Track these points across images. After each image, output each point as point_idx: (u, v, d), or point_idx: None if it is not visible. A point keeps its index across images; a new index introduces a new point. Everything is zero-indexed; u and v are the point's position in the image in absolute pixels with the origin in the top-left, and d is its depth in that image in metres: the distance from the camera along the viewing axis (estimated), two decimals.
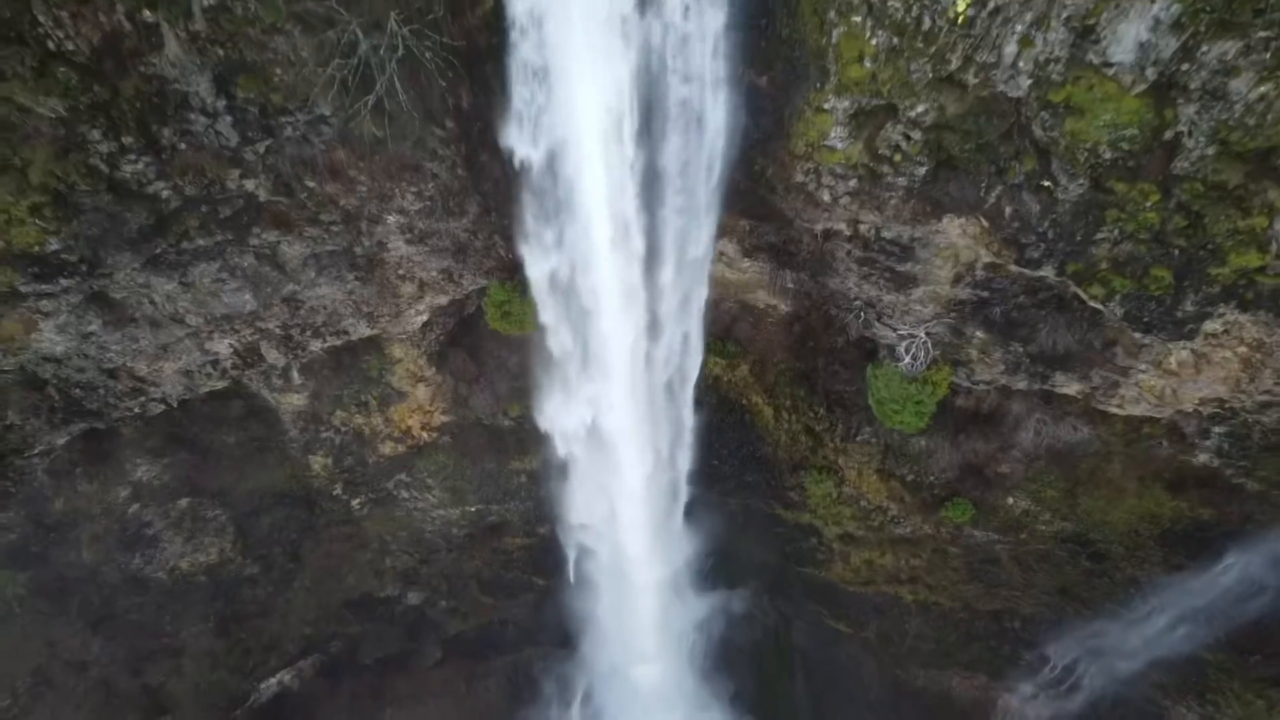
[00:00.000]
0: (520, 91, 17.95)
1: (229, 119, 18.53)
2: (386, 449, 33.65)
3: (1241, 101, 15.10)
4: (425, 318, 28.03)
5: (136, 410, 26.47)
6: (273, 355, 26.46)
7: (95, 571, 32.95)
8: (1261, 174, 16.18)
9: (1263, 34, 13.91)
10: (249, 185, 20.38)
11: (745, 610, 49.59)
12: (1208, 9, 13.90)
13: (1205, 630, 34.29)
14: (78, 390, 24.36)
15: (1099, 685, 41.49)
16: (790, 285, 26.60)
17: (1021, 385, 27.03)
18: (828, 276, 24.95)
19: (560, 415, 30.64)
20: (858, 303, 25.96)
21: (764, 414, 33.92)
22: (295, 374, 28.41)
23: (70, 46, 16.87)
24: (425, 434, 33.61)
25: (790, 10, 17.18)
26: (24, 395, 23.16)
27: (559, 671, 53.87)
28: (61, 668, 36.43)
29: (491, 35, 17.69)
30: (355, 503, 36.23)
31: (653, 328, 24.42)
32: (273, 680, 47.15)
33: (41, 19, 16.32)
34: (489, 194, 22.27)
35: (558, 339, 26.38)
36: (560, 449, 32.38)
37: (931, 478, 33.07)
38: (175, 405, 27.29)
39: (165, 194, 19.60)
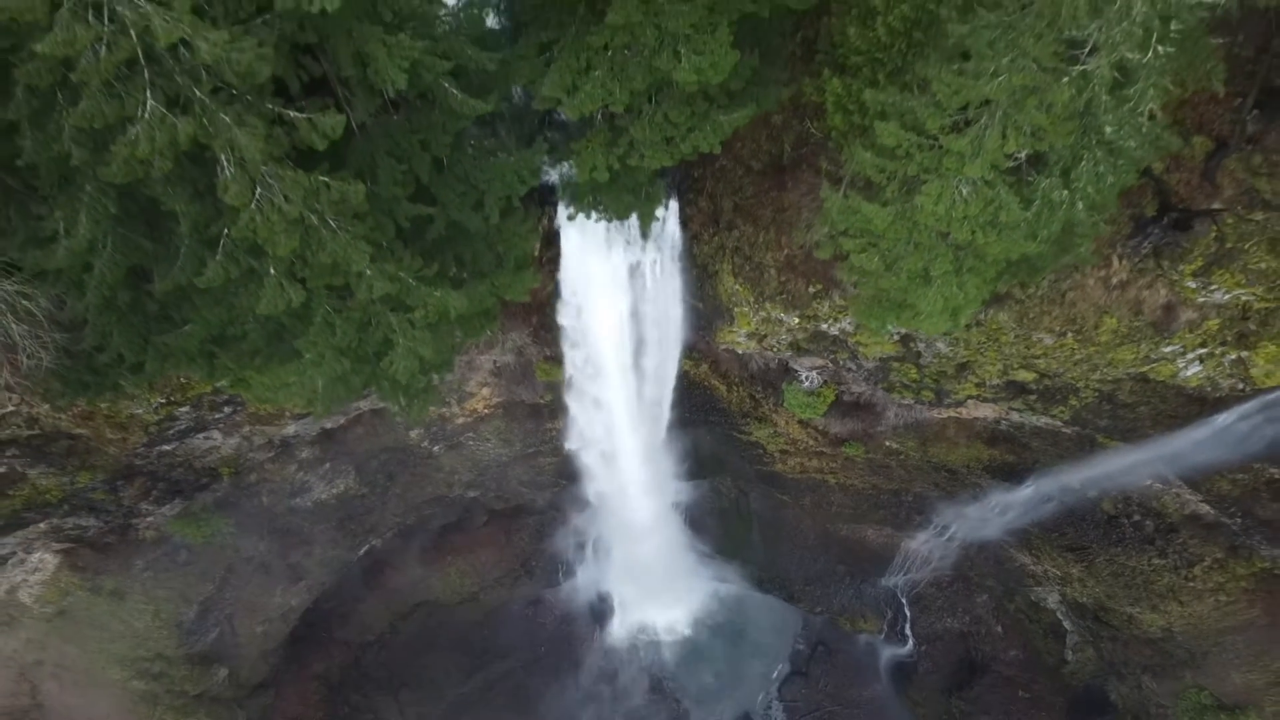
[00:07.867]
0: (568, 310, 31.37)
1: None
2: (459, 421, 47.91)
3: (944, 354, 28.73)
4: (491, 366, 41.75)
5: (313, 435, 41.07)
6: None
7: (269, 509, 48.35)
8: (965, 372, 29.95)
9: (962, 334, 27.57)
10: None
11: (715, 489, 65.58)
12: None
13: (1025, 516, 50.48)
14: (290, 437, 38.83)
15: (968, 539, 58.22)
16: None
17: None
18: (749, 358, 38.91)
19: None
20: (771, 354, 39.87)
21: (720, 389, 48.04)
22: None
23: None
24: (486, 410, 47.75)
25: (713, 284, 30.23)
26: (264, 446, 37.57)
27: (576, 524, 70.33)
28: (239, 561, 52.55)
29: (550, 298, 30.77)
30: (436, 449, 50.94)
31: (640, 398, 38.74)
32: (365, 545, 63.70)
33: None
34: (542, 340, 35.80)
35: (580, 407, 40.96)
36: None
37: (833, 432, 47.78)
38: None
39: None
